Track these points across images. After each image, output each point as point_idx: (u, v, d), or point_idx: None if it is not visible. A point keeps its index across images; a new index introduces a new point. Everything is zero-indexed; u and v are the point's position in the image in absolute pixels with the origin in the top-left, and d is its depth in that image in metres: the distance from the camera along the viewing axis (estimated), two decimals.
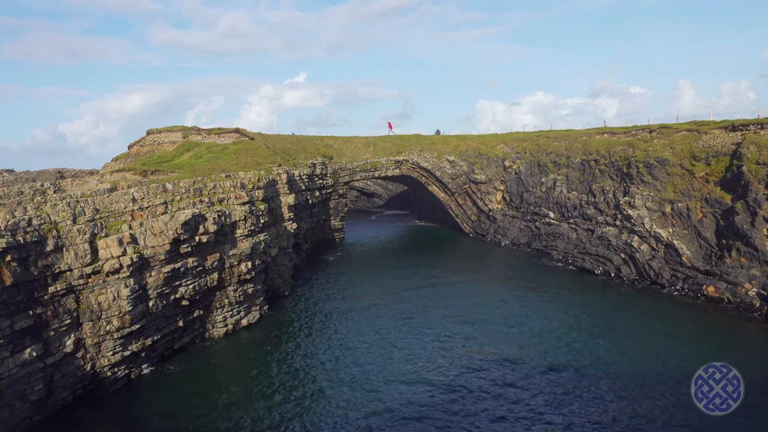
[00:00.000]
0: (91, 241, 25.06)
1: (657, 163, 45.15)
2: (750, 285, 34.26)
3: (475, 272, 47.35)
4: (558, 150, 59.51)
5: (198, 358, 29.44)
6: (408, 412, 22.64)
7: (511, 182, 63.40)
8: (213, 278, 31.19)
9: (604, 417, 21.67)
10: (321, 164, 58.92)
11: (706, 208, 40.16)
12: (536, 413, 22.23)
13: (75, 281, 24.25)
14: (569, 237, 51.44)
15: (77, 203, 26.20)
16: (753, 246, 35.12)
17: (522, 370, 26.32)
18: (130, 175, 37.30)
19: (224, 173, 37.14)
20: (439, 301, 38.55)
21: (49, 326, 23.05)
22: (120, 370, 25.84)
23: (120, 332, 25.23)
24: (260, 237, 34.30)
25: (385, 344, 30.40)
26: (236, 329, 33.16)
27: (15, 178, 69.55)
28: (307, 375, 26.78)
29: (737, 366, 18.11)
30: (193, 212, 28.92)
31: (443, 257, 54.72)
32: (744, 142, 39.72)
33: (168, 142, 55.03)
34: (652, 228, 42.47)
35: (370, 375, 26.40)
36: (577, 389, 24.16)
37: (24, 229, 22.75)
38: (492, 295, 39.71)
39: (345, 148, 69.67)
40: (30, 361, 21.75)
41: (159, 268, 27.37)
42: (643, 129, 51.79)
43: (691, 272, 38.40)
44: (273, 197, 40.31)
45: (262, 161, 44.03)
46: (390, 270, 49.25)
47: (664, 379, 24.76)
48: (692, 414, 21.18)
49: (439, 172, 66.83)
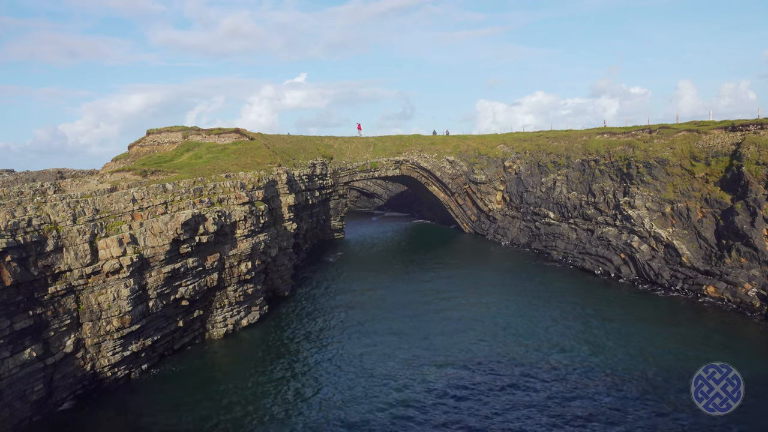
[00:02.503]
0: (91, 241, 25.07)
1: (657, 164, 45.16)
2: (750, 285, 34.26)
3: (475, 272, 47.34)
4: (558, 150, 59.54)
5: (198, 358, 29.45)
6: (408, 412, 22.66)
7: (511, 182, 63.41)
8: (213, 278, 31.20)
9: (605, 417, 21.68)
10: (321, 164, 58.93)
11: (706, 209, 40.17)
12: (536, 413, 22.25)
13: (75, 281, 24.26)
14: (569, 237, 51.44)
15: (77, 203, 26.21)
16: (753, 246, 35.13)
17: (521, 370, 26.32)
18: (130, 175, 37.28)
19: (224, 173, 37.16)
20: (439, 300, 38.53)
21: (49, 326, 23.07)
22: (120, 371, 25.85)
23: (120, 332, 25.24)
24: (260, 237, 34.32)
25: (385, 344, 30.40)
26: (236, 329, 33.17)
27: (15, 178, 69.48)
28: (307, 375, 26.79)
29: (737, 366, 18.07)
30: (193, 212, 28.93)
31: (443, 257, 54.70)
32: (744, 143, 39.73)
33: (168, 142, 55.02)
34: (652, 228, 42.48)
35: (370, 375, 26.41)
36: (576, 389, 24.17)
37: (24, 229, 22.76)
38: (492, 295, 39.71)
39: (345, 149, 69.70)
40: (30, 361, 21.77)
41: (159, 269, 27.38)
42: (643, 129, 51.82)
43: (691, 272, 38.40)
44: (273, 197, 40.33)
45: (262, 161, 44.04)
46: (390, 270, 49.27)
47: (664, 379, 24.80)
48: (692, 414, 21.24)
49: (439, 173, 66.85)
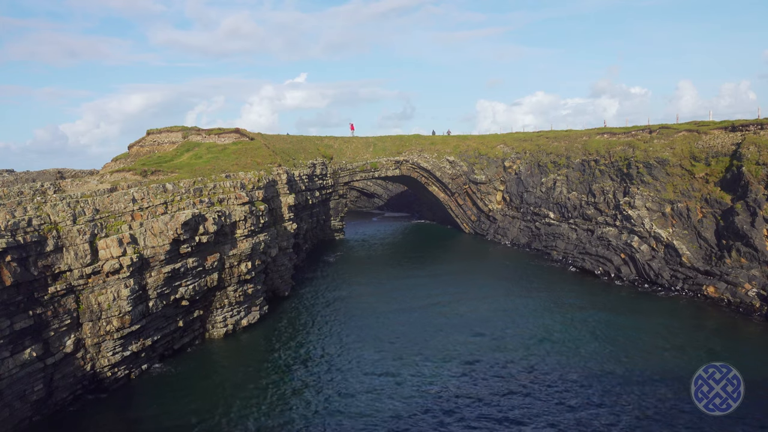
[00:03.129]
0: (91, 241, 25.07)
1: (657, 164, 45.16)
2: (750, 285, 34.26)
3: (475, 273, 47.35)
4: (558, 150, 59.55)
5: (198, 358, 29.45)
6: (408, 411, 22.64)
7: (511, 182, 63.41)
8: (213, 278, 31.20)
9: (604, 417, 21.68)
10: (321, 164, 58.94)
11: (706, 209, 40.17)
12: (535, 413, 22.24)
13: (75, 281, 24.26)
14: (569, 237, 51.45)
15: (77, 203, 26.21)
16: (753, 246, 35.13)
17: (521, 370, 26.33)
18: (130, 175, 37.27)
19: (224, 173, 37.15)
20: (439, 301, 38.52)
21: (49, 326, 23.06)
22: (120, 371, 25.84)
23: (120, 332, 25.23)
24: (260, 237, 34.32)
25: (385, 344, 30.40)
26: (236, 329, 33.17)
27: (15, 179, 69.43)
28: (307, 375, 26.78)
29: (737, 366, 18.11)
30: (193, 212, 28.93)
31: (443, 257, 54.71)
32: (744, 143, 39.74)
33: (168, 142, 55.00)
34: (652, 228, 42.48)
35: (370, 375, 26.41)
36: (576, 389, 24.17)
37: (24, 230, 22.76)
38: (492, 295, 39.70)
39: (345, 149, 69.71)
40: (30, 361, 21.76)
41: (159, 269, 27.37)
42: (643, 129, 51.84)
43: (691, 272, 38.40)
44: (273, 197, 40.32)
45: (262, 161, 44.04)
46: (390, 270, 49.27)
47: (664, 379, 24.79)
48: (692, 414, 21.23)
49: (439, 173, 66.86)
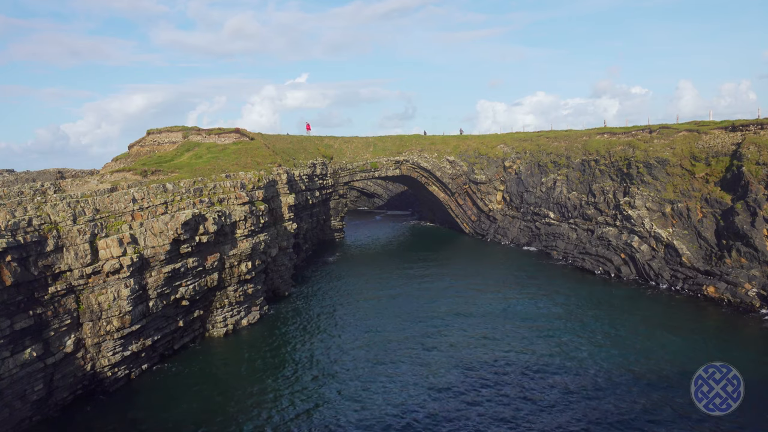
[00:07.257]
0: (92, 241, 25.07)
1: (657, 164, 45.16)
2: (750, 285, 34.26)
3: (475, 273, 47.33)
4: (558, 150, 59.54)
5: (198, 358, 29.44)
6: (409, 411, 22.65)
7: (511, 182, 63.41)
8: (213, 278, 31.20)
9: (604, 417, 21.67)
10: (321, 164, 58.94)
11: (706, 209, 40.16)
12: (535, 413, 22.24)
13: (75, 281, 24.26)
14: (569, 237, 51.44)
15: (77, 203, 26.21)
16: (753, 246, 35.12)
17: (521, 370, 26.33)
18: (130, 175, 37.28)
19: (224, 173, 37.16)
20: (439, 301, 38.54)
21: (50, 326, 23.06)
22: (120, 370, 25.84)
23: (120, 332, 25.24)
24: (260, 237, 34.32)
25: (384, 343, 30.40)
26: (236, 329, 33.17)
27: (15, 178, 69.43)
28: (307, 375, 26.77)
29: (737, 366, 18.05)
30: (193, 212, 28.94)
31: (443, 258, 54.69)
32: (744, 143, 39.73)
33: (168, 142, 54.99)
34: (652, 228, 42.47)
35: (370, 374, 26.40)
36: (577, 389, 24.16)
37: (24, 229, 22.76)
38: (492, 296, 39.69)
39: (345, 149, 69.72)
40: (30, 361, 21.77)
41: (159, 269, 27.38)
42: (643, 129, 51.83)
43: (691, 272, 38.40)
44: (273, 197, 40.32)
45: (263, 161, 44.05)
46: (390, 270, 49.25)
47: (664, 379, 24.80)
48: (692, 414, 21.23)
49: (439, 173, 66.85)
